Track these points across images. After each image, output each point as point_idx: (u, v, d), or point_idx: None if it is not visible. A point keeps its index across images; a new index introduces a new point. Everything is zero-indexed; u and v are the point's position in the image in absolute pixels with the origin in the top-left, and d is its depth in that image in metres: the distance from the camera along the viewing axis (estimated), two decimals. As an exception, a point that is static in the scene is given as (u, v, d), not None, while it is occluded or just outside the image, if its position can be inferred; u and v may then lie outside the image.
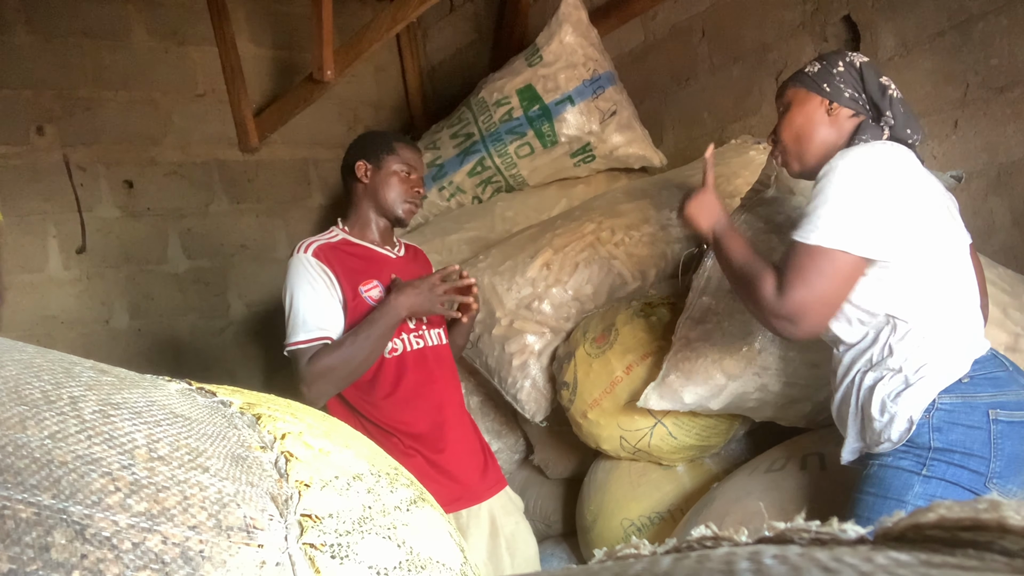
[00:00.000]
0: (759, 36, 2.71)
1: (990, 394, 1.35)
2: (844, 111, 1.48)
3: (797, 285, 1.32)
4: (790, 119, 1.52)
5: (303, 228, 3.80)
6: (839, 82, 1.48)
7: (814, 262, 1.32)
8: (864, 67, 1.49)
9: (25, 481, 0.30)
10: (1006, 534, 0.21)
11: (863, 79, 1.47)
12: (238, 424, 0.42)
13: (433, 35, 4.05)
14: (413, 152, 1.99)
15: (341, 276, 1.84)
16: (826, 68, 1.50)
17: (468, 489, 1.90)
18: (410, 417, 1.88)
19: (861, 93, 1.47)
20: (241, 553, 0.32)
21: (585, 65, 2.80)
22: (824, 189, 1.34)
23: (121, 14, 3.36)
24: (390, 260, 1.96)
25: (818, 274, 1.31)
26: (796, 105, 1.51)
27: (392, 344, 1.89)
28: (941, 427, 1.32)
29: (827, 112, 1.48)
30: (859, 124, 1.47)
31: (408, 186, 1.95)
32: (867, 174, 1.34)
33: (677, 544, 0.28)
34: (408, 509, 0.41)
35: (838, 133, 1.48)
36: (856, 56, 1.51)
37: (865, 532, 0.24)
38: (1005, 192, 2.14)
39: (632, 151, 2.85)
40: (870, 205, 1.32)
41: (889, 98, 1.46)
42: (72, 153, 3.21)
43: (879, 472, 1.37)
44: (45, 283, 3.13)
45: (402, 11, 2.54)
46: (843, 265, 1.31)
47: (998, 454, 1.31)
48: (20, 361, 0.38)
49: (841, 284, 1.33)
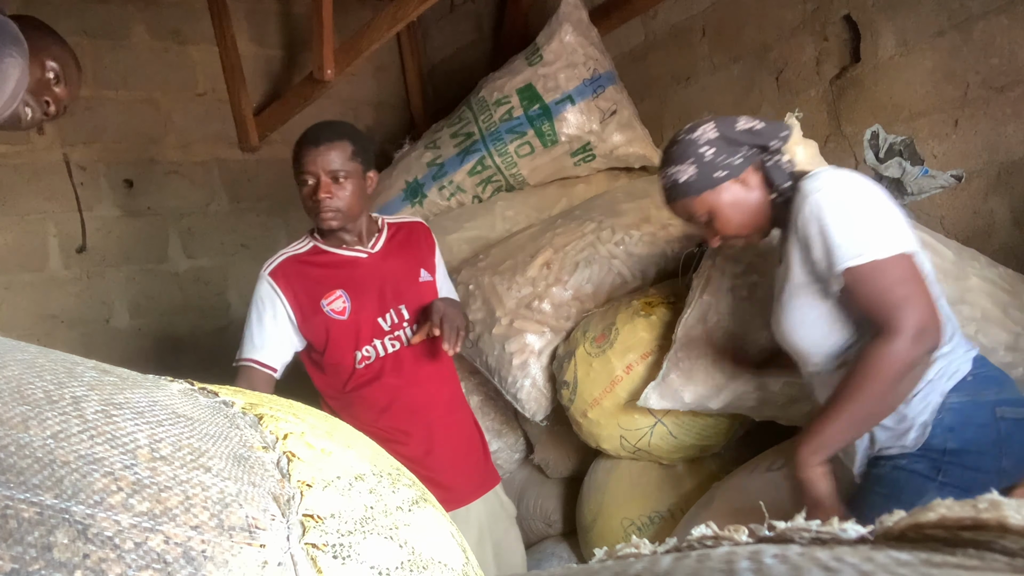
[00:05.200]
0: (759, 36, 2.71)
1: (995, 391, 1.34)
2: (748, 171, 1.45)
3: (901, 310, 1.24)
4: (723, 220, 1.47)
5: (303, 227, 3.75)
6: (723, 158, 1.44)
7: (887, 277, 1.26)
8: (719, 127, 1.45)
9: (28, 481, 0.30)
10: (1006, 533, 0.21)
11: (729, 138, 1.44)
12: (240, 424, 0.42)
13: (433, 34, 4.05)
14: (306, 151, 1.83)
15: (300, 294, 1.83)
16: (700, 159, 1.44)
17: (455, 492, 1.85)
18: (391, 423, 1.84)
19: (741, 147, 1.44)
20: (243, 553, 0.32)
21: (585, 64, 2.80)
22: (825, 218, 1.30)
23: (121, 13, 3.36)
24: (360, 261, 1.88)
25: (903, 283, 1.25)
26: (715, 207, 1.46)
27: (363, 353, 1.84)
28: (954, 427, 1.30)
29: (743, 186, 1.45)
30: (764, 169, 1.46)
31: (308, 195, 1.82)
32: (852, 187, 1.33)
33: (677, 544, 0.28)
34: (410, 509, 0.41)
35: (758, 190, 1.46)
36: (700, 132, 1.46)
37: (866, 532, 0.24)
38: (1005, 192, 2.13)
39: (632, 150, 2.85)
40: (878, 208, 1.32)
41: (758, 132, 1.45)
42: (72, 152, 3.20)
43: (892, 474, 1.35)
44: (45, 282, 3.13)
45: (402, 10, 2.53)
46: (908, 264, 1.28)
47: (1008, 453, 1.30)
48: (22, 361, 0.38)
49: (922, 280, 1.28)
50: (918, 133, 2.27)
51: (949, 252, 1.77)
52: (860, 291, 1.29)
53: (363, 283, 1.86)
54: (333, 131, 1.88)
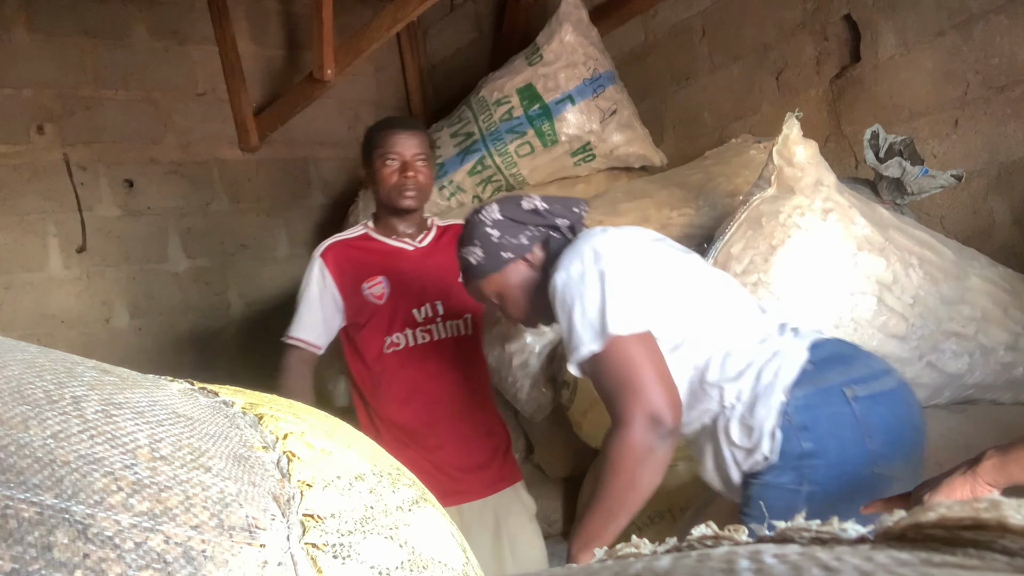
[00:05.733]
0: (759, 35, 2.71)
1: (839, 372, 1.27)
2: (535, 250, 1.45)
3: (625, 400, 1.22)
4: (512, 302, 1.46)
5: (303, 227, 3.80)
6: (509, 240, 1.43)
7: (609, 366, 1.23)
8: (503, 209, 1.44)
9: (27, 480, 0.30)
10: (1006, 533, 0.21)
11: (515, 219, 1.43)
12: (240, 424, 0.42)
13: (433, 34, 4.05)
14: (394, 135, 1.92)
15: (345, 274, 1.93)
16: (488, 242, 1.44)
17: (467, 485, 1.90)
18: (405, 412, 1.91)
19: (525, 227, 1.44)
20: (243, 553, 0.32)
21: (585, 64, 2.80)
22: (556, 309, 1.29)
23: (121, 13, 3.36)
24: (406, 253, 1.97)
25: (625, 369, 1.23)
26: (503, 288, 1.45)
27: (393, 339, 1.91)
28: (807, 424, 1.23)
29: (529, 266, 1.44)
30: (545, 246, 1.44)
31: (393, 174, 1.90)
32: (582, 268, 1.29)
33: (677, 544, 0.28)
34: (410, 509, 0.41)
35: (537, 268, 1.45)
36: (486, 213, 1.46)
37: (866, 531, 0.24)
38: (1005, 191, 2.14)
39: (632, 150, 2.85)
40: (606, 288, 1.26)
41: (543, 211, 1.43)
42: (72, 152, 3.21)
43: (761, 492, 1.27)
44: (45, 282, 3.13)
45: (402, 10, 2.53)
46: (632, 347, 1.23)
47: (871, 434, 1.24)
48: (22, 361, 0.38)
49: (648, 361, 1.24)
50: (918, 133, 2.27)
51: (949, 252, 1.77)
52: (595, 382, 1.28)
53: (405, 273, 1.94)
54: (414, 122, 2.11)
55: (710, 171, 2.39)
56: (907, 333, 1.68)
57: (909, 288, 1.68)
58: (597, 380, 1.27)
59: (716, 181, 2.30)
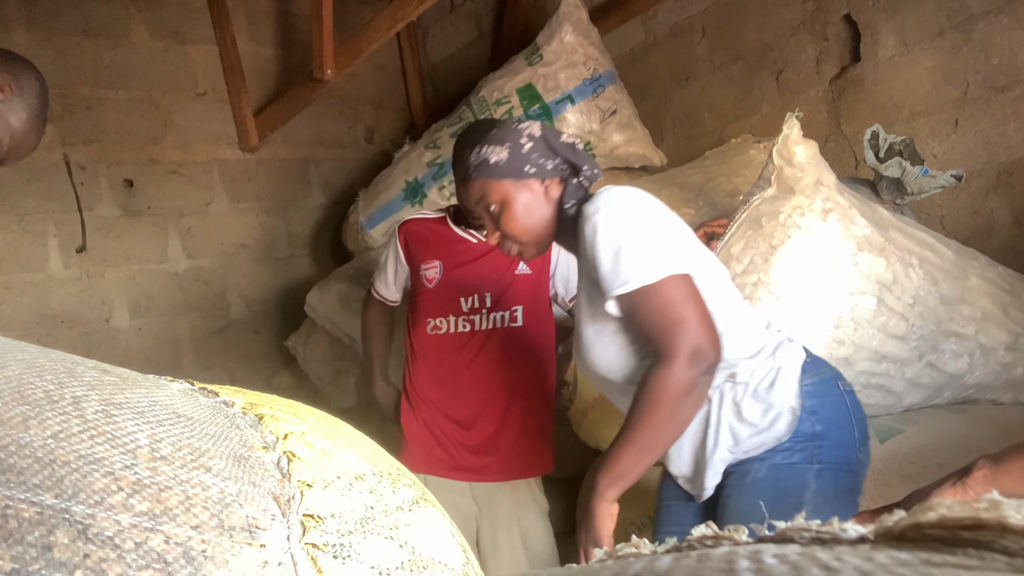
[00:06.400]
0: (759, 35, 2.71)
1: (829, 368, 1.38)
2: (554, 181, 1.44)
3: (672, 335, 1.22)
4: (511, 215, 1.44)
5: (303, 227, 3.80)
6: (538, 158, 1.42)
7: (657, 301, 1.24)
8: (545, 132, 1.44)
9: (28, 481, 0.30)
10: (1006, 533, 0.21)
11: (551, 145, 1.43)
12: (240, 424, 0.42)
13: (433, 34, 4.05)
14: None
15: (412, 251, 2.08)
16: (515, 150, 1.42)
17: (487, 465, 1.99)
18: (436, 392, 2.01)
19: (557, 156, 1.43)
20: (243, 553, 0.32)
21: (585, 64, 2.80)
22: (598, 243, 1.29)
23: (121, 13, 3.36)
24: (470, 244, 2.02)
25: (673, 306, 1.23)
26: (510, 198, 1.44)
27: (435, 322, 2.00)
28: (815, 409, 1.31)
29: (544, 192, 1.44)
30: (565, 186, 1.44)
31: None
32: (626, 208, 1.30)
33: (677, 543, 0.28)
34: (410, 509, 0.41)
35: (553, 204, 1.44)
36: (526, 125, 1.45)
37: (866, 531, 0.24)
38: (1005, 191, 2.14)
39: (632, 150, 2.85)
40: (652, 229, 1.29)
41: (578, 152, 1.43)
42: (72, 152, 3.21)
43: (770, 474, 1.30)
44: (45, 282, 3.14)
45: (402, 10, 2.53)
46: (681, 285, 1.24)
47: (858, 423, 1.34)
48: (23, 361, 0.38)
49: (695, 301, 1.25)
50: (918, 133, 2.27)
51: (949, 252, 1.77)
52: (633, 317, 1.28)
53: (461, 262, 2.01)
54: None
55: (710, 171, 2.39)
56: (907, 333, 1.68)
57: (909, 288, 1.68)
58: (641, 315, 1.26)
59: (716, 181, 2.31)
